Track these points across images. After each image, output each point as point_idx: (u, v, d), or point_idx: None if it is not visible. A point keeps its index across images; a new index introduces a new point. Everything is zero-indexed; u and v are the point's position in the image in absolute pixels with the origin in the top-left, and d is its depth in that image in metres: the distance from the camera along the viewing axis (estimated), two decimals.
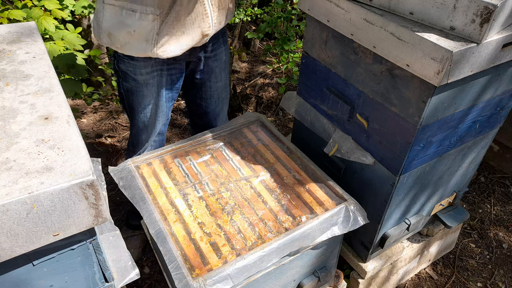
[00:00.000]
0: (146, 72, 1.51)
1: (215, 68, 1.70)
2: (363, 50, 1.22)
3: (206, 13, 1.41)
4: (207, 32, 1.46)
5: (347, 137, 1.43)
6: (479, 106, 1.27)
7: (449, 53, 0.96)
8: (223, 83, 1.79)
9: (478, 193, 2.45)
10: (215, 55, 1.67)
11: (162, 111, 1.66)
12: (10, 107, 0.84)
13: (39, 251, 0.76)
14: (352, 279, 1.71)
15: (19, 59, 0.99)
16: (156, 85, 1.56)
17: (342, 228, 1.24)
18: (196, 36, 1.44)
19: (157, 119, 1.67)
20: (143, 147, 1.75)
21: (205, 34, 1.46)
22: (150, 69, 1.51)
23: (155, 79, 1.54)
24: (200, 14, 1.40)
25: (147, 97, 1.58)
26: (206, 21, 1.43)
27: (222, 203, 1.31)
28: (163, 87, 1.59)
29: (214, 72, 1.71)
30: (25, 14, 1.93)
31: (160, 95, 1.60)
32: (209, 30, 1.46)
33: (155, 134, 1.73)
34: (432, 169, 1.39)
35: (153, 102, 1.61)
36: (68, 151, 0.74)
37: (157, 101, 1.61)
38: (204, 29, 1.44)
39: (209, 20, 1.43)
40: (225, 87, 1.82)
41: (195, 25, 1.41)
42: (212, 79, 1.73)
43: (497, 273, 2.01)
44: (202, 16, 1.41)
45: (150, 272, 1.97)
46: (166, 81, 1.58)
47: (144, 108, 1.62)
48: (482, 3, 0.94)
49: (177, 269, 1.07)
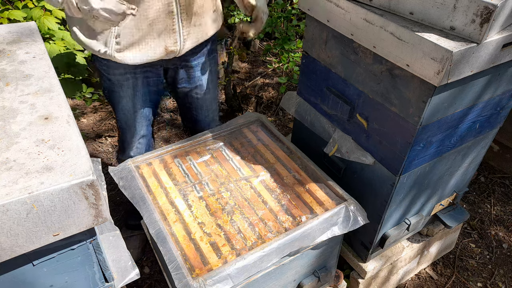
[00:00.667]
0: (119, 73, 1.47)
1: (198, 79, 1.64)
2: (363, 50, 1.22)
3: (174, 29, 1.35)
4: (172, 49, 1.40)
5: (347, 137, 1.43)
6: (479, 106, 1.27)
7: (449, 53, 0.96)
8: (211, 96, 1.73)
9: (478, 193, 2.45)
10: (198, 65, 1.60)
11: (141, 113, 1.62)
12: (10, 107, 0.83)
13: (39, 251, 0.76)
14: (352, 279, 1.71)
15: (19, 59, 0.99)
16: (132, 87, 1.52)
17: (342, 228, 1.24)
18: (159, 50, 1.38)
19: (137, 120, 1.63)
20: (129, 146, 1.73)
21: (170, 50, 1.39)
22: (123, 70, 1.47)
23: (129, 81, 1.50)
24: (167, 28, 1.34)
25: (124, 98, 1.55)
26: (172, 37, 1.37)
27: (222, 203, 1.31)
28: (140, 90, 1.54)
29: (199, 83, 1.65)
30: (25, 14, 1.93)
31: (137, 97, 1.56)
32: (175, 47, 1.40)
33: (138, 135, 1.70)
34: (432, 169, 1.39)
35: (130, 103, 1.57)
36: (68, 151, 0.74)
37: (135, 103, 1.57)
38: (168, 45, 1.38)
39: (177, 36, 1.37)
40: (213, 99, 1.76)
41: (160, 39, 1.36)
42: (198, 90, 1.67)
43: (497, 273, 2.01)
44: (169, 31, 1.35)
45: (150, 272, 1.97)
46: (143, 83, 1.53)
47: (122, 108, 1.59)
48: (482, 3, 0.94)
49: (177, 269, 1.07)
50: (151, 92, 1.60)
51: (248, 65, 3.58)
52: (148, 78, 1.54)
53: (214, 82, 1.73)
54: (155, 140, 2.58)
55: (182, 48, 1.42)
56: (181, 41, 1.40)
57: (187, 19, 1.37)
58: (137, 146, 1.74)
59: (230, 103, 2.89)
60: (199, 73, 1.63)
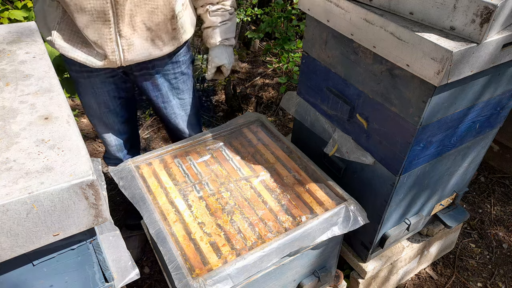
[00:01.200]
0: (75, 70, 1.46)
1: (167, 88, 1.61)
2: (363, 50, 1.22)
3: (111, 38, 1.31)
4: (114, 60, 1.35)
5: (347, 137, 1.43)
6: (479, 106, 1.27)
7: (449, 53, 0.96)
8: (175, 103, 1.67)
9: (478, 193, 2.45)
10: (160, 75, 1.56)
11: (108, 107, 1.59)
12: (10, 107, 0.83)
13: (39, 251, 0.76)
14: (352, 279, 1.71)
15: (19, 59, 0.99)
16: (90, 86, 1.51)
17: (342, 228, 1.24)
18: (100, 57, 1.35)
19: (104, 115, 1.60)
20: (108, 143, 1.71)
21: (112, 60, 1.35)
22: (79, 68, 1.45)
23: (86, 79, 1.49)
24: (103, 36, 1.30)
25: (86, 95, 1.54)
26: (109, 46, 1.32)
27: (222, 203, 1.31)
28: (102, 87, 1.52)
29: (160, 91, 1.61)
30: (26, 14, 1.93)
31: (98, 94, 1.54)
32: (115, 58, 1.35)
33: (113, 132, 1.67)
34: (432, 169, 1.39)
35: (93, 100, 1.55)
36: (68, 151, 0.74)
37: (99, 101, 1.55)
38: (108, 54, 1.34)
39: (114, 45, 1.33)
40: (189, 105, 1.72)
41: (97, 44, 1.32)
42: (162, 98, 1.63)
43: (497, 273, 2.01)
44: (105, 39, 1.31)
45: (150, 272, 1.97)
46: (103, 82, 1.51)
47: (86, 103, 1.58)
48: (482, 3, 0.94)
49: (177, 269, 1.07)
50: (119, 89, 1.57)
51: (248, 65, 3.58)
52: (108, 78, 1.51)
53: (189, 89, 1.69)
54: (152, 141, 2.58)
55: (126, 62, 1.38)
56: (121, 53, 1.35)
57: (128, 32, 1.33)
58: (116, 144, 1.72)
59: (230, 103, 2.89)
60: (164, 83, 1.59)
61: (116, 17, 1.28)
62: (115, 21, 1.29)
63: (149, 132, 2.83)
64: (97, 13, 1.26)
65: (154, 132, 2.83)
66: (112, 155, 1.77)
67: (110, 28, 1.29)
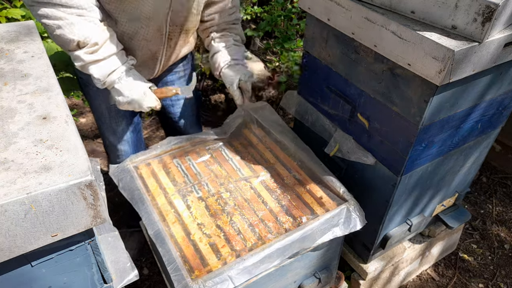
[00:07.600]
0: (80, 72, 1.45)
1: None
2: (364, 49, 1.21)
3: (155, 66, 1.47)
4: (149, 77, 1.50)
5: (348, 137, 1.42)
6: (481, 106, 1.27)
7: (451, 52, 0.95)
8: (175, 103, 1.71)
9: (480, 194, 2.44)
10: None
11: (120, 115, 1.58)
12: (8, 107, 0.83)
13: (38, 251, 0.75)
14: (353, 281, 1.70)
15: (17, 58, 0.98)
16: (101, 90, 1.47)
17: (343, 229, 1.23)
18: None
19: (116, 121, 1.60)
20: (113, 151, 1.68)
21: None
22: None
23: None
24: (150, 64, 1.47)
25: (96, 100, 1.54)
26: (151, 71, 1.47)
27: (222, 204, 1.30)
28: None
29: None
30: (24, 13, 1.92)
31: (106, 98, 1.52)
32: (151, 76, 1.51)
33: (123, 139, 1.65)
34: (434, 169, 1.38)
35: (104, 104, 1.54)
36: (66, 151, 0.73)
37: (109, 106, 1.54)
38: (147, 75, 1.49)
39: (156, 70, 1.50)
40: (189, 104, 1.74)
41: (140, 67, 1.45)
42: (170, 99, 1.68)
43: (499, 274, 2.00)
44: (151, 65, 1.49)
45: (149, 273, 1.97)
46: None
47: (97, 109, 1.57)
48: (484, 2, 0.93)
49: (176, 271, 1.06)
50: None
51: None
52: None
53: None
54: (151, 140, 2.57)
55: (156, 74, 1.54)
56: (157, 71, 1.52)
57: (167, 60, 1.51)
58: (122, 148, 1.69)
59: (230, 103, 2.88)
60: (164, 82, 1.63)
61: (164, 52, 1.46)
62: (161, 59, 1.48)
63: (148, 132, 2.82)
64: (151, 54, 1.44)
65: (153, 132, 2.82)
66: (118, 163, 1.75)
67: (156, 60, 1.48)
